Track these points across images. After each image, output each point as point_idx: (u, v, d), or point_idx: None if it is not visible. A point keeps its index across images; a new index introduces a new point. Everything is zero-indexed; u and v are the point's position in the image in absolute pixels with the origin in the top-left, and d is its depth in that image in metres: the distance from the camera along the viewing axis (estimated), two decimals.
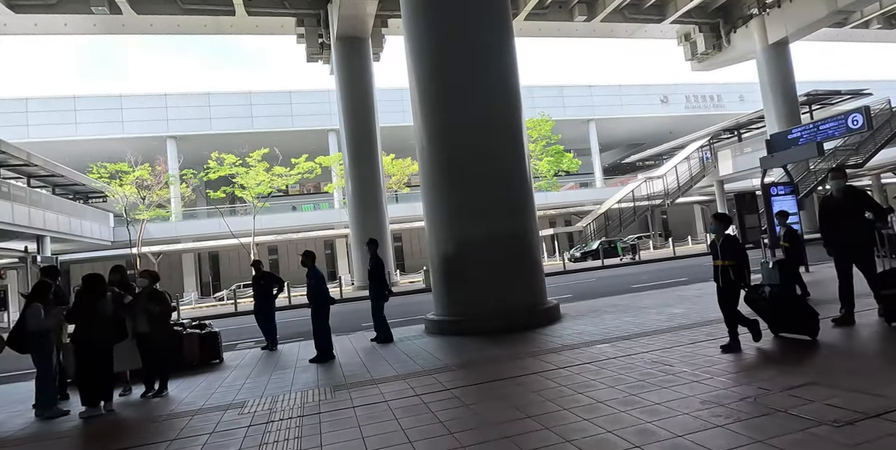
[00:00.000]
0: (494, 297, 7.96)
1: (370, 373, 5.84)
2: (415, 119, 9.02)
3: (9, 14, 22.95)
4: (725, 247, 5.11)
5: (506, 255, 8.09)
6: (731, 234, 5.30)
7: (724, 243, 5.13)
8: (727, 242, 5.14)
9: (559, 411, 3.76)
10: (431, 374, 5.47)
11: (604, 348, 5.77)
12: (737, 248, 5.10)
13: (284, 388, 5.58)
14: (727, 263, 5.05)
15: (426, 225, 8.91)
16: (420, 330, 8.87)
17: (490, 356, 6.04)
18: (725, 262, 5.06)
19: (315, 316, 7.16)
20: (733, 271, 5.01)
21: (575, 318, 8.35)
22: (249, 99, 37.34)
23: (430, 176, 8.67)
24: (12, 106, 34.33)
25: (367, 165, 23.17)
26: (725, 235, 5.20)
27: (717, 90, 47.49)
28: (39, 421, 5.35)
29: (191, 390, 5.96)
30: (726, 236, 5.18)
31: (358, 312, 13.11)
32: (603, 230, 37.02)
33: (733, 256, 5.05)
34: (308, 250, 7.44)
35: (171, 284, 34.62)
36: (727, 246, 5.11)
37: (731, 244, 5.13)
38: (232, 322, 15.00)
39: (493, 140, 8.41)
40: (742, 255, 5.07)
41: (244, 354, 8.48)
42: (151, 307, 5.81)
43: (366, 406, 4.48)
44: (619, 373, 4.65)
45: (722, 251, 5.11)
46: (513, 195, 8.44)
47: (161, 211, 31.76)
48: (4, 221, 22.62)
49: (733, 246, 5.11)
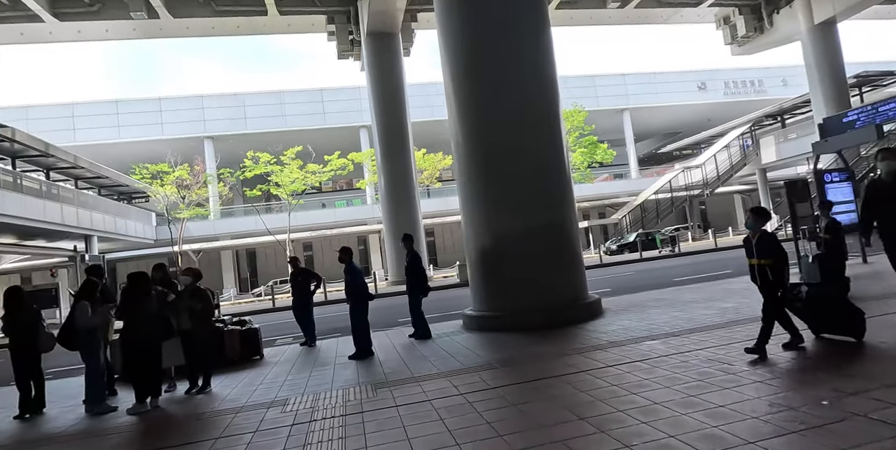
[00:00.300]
0: (534, 291, 7.76)
1: (411, 370, 5.74)
2: (449, 114, 8.85)
3: (55, 22, 23.78)
4: (762, 244, 4.68)
5: (545, 248, 7.86)
6: (766, 230, 4.88)
7: (761, 240, 4.70)
8: (763, 239, 4.70)
9: (614, 413, 3.56)
10: (474, 371, 5.32)
11: (654, 345, 5.51)
12: (774, 245, 4.66)
13: (325, 385, 5.54)
14: (764, 262, 4.63)
15: (462, 219, 8.76)
16: (458, 326, 8.74)
17: (533, 353, 5.86)
18: (762, 260, 4.65)
19: (353, 312, 7.11)
20: (771, 271, 4.59)
21: (617, 313, 8.07)
22: (282, 98, 37.85)
23: (466, 170, 8.50)
24: (60, 111, 35.69)
25: (399, 160, 23.15)
26: (762, 231, 4.77)
27: (758, 75, 45.60)
28: (89, 417, 5.45)
29: (233, 387, 5.98)
30: (763, 232, 4.75)
31: (394, 308, 13.06)
32: (639, 222, 36.16)
33: (770, 254, 4.62)
34: (345, 246, 7.40)
35: (210, 280, 35.50)
36: (764, 243, 4.68)
37: (768, 241, 4.69)
38: (270, 318, 15.22)
39: (530, 132, 8.18)
40: (780, 252, 4.63)
41: (283, 350, 8.53)
42: (194, 304, 5.85)
43: (409, 406, 4.37)
44: (675, 372, 4.40)
45: (758, 249, 4.69)
46: (551, 187, 8.19)
47: (200, 210, 32.56)
48: (55, 222, 23.54)
49: (770, 243, 4.67)
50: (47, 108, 35.96)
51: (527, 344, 6.43)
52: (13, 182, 21.72)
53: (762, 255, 4.66)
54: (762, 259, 4.65)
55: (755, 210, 4.85)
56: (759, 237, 4.73)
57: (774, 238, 4.75)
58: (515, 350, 6.18)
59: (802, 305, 4.94)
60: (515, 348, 6.27)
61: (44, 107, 36.01)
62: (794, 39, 29.21)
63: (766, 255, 4.64)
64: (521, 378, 4.85)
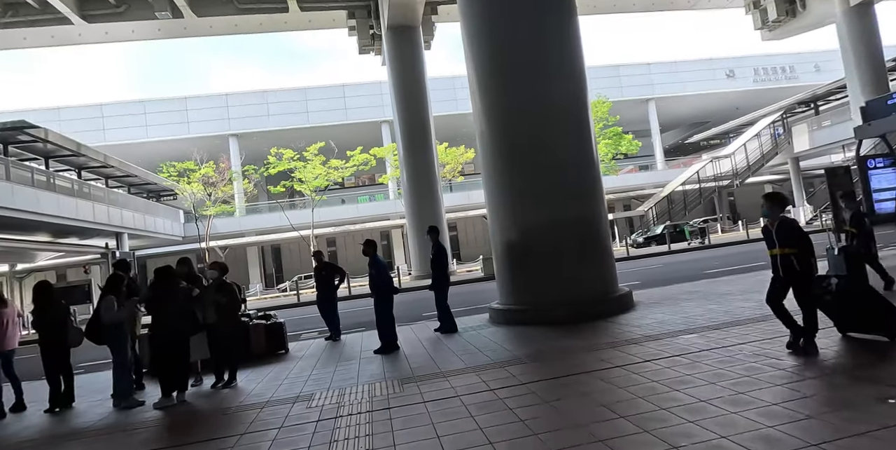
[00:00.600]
0: (562, 284, 7.53)
1: (438, 365, 5.60)
2: (474, 106, 8.65)
3: (83, 24, 24.26)
4: (783, 232, 4.35)
5: (573, 240, 7.62)
6: (787, 217, 4.53)
7: (781, 228, 4.37)
8: (784, 226, 4.38)
9: (656, 411, 3.34)
10: (503, 366, 5.15)
11: (692, 339, 5.26)
12: (797, 232, 4.33)
13: (351, 380, 5.43)
14: (788, 251, 4.30)
15: (488, 212, 8.56)
16: (483, 320, 8.57)
17: (563, 347, 5.66)
18: (786, 249, 4.31)
19: (378, 306, 7.00)
20: (798, 261, 4.25)
21: (650, 306, 7.80)
22: (304, 94, 38.04)
23: (491, 161, 8.29)
24: (90, 112, 36.48)
25: (422, 154, 23.01)
26: (781, 218, 4.44)
27: (789, 61, 44.05)
28: (117, 411, 5.45)
29: (259, 381, 5.92)
30: (782, 219, 4.42)
31: (418, 302, 12.96)
32: (666, 214, 35.39)
33: (794, 243, 4.29)
34: (369, 239, 7.28)
35: (237, 276, 35.98)
36: (785, 230, 4.35)
37: (790, 228, 4.36)
38: (295, 313, 15.28)
39: (557, 124, 7.92)
40: (804, 240, 4.29)
41: (308, 344, 8.48)
42: (219, 299, 5.80)
43: (437, 401, 4.22)
44: (719, 367, 4.16)
45: (779, 237, 4.35)
46: (579, 179, 7.94)
47: (226, 206, 32.98)
48: (87, 220, 24.09)
49: (792, 229, 4.34)
50: (78, 109, 36.80)
51: (556, 338, 6.23)
52: (47, 181, 22.25)
53: (785, 243, 4.32)
54: (786, 248, 4.31)
55: (770, 196, 4.52)
56: (780, 225, 4.41)
57: (796, 224, 4.43)
58: (544, 344, 5.98)
59: (832, 298, 4.57)
60: (544, 343, 6.07)
61: (74, 108, 36.86)
62: (827, 22, 28.05)
63: (789, 243, 4.30)
64: (553, 373, 4.66)
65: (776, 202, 4.46)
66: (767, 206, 4.48)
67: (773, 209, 4.46)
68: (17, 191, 19.57)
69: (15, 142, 22.26)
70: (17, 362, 6.20)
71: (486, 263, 20.64)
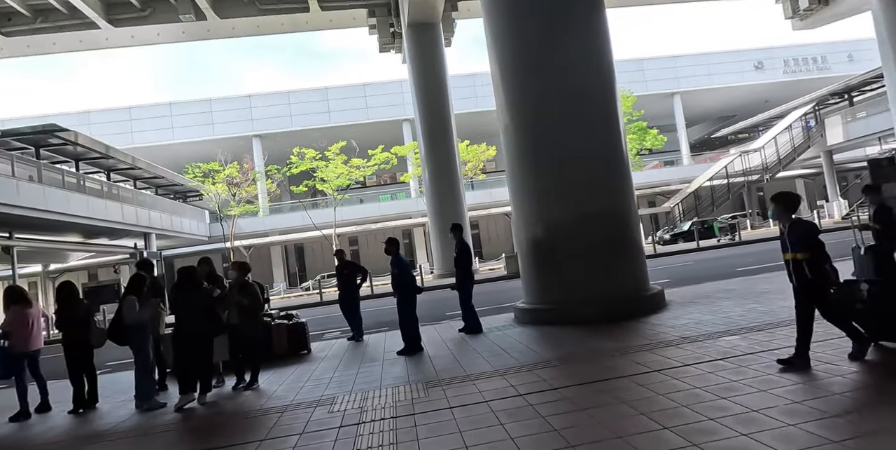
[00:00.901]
0: (591, 283, 7.25)
1: (463, 367, 5.39)
2: (497, 99, 8.40)
3: (110, 29, 24.71)
4: (794, 234, 3.94)
5: (603, 236, 7.33)
6: (801, 218, 4.13)
7: (793, 230, 3.97)
8: (795, 229, 3.97)
9: (704, 422, 3.08)
10: (531, 369, 4.92)
11: (734, 341, 4.95)
12: (809, 235, 3.92)
13: (374, 383, 5.26)
14: (800, 256, 3.88)
15: (512, 207, 8.32)
16: (508, 319, 8.34)
17: (595, 349, 5.40)
18: (798, 255, 3.90)
19: (401, 306, 6.82)
20: (809, 267, 3.85)
21: (683, 305, 7.47)
22: (326, 94, 38.20)
23: (515, 157, 8.04)
24: (118, 115, 37.23)
25: (443, 151, 22.85)
26: (794, 219, 4.03)
27: (820, 51, 42.59)
28: (139, 413, 5.39)
29: (280, 383, 5.80)
30: (794, 221, 4.02)
31: (442, 301, 12.77)
32: (693, 210, 34.54)
33: (805, 247, 3.87)
34: (392, 237, 7.11)
35: (261, 275, 36.34)
36: (797, 233, 3.94)
37: (802, 230, 3.95)
38: (318, 312, 15.25)
39: (585, 116, 7.63)
40: (816, 244, 3.88)
41: (331, 344, 8.36)
42: (241, 299, 5.69)
43: (464, 407, 4.01)
44: (768, 373, 3.86)
45: (791, 241, 3.95)
46: (607, 173, 7.64)
47: (250, 206, 33.31)
48: (116, 221, 24.54)
49: (805, 232, 3.93)
50: (107, 112, 37.57)
51: (586, 339, 5.97)
52: (77, 183, 22.72)
53: (796, 247, 3.92)
54: (798, 253, 3.91)
55: (778, 197, 4.09)
56: (791, 227, 3.98)
57: (810, 226, 4.03)
58: (574, 346, 5.73)
59: (864, 305, 4.10)
60: (574, 344, 5.82)
61: (103, 111, 37.64)
62: (863, 9, 26.94)
63: (800, 247, 3.89)
64: (586, 378, 4.41)
65: (786, 203, 4.05)
66: (777, 208, 4.09)
67: (783, 212, 4.06)
68: (49, 193, 19.99)
69: (46, 145, 22.76)
70: (42, 361, 6.20)
71: (510, 262, 20.36)
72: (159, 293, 6.14)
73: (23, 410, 5.81)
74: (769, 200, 4.21)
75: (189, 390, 5.30)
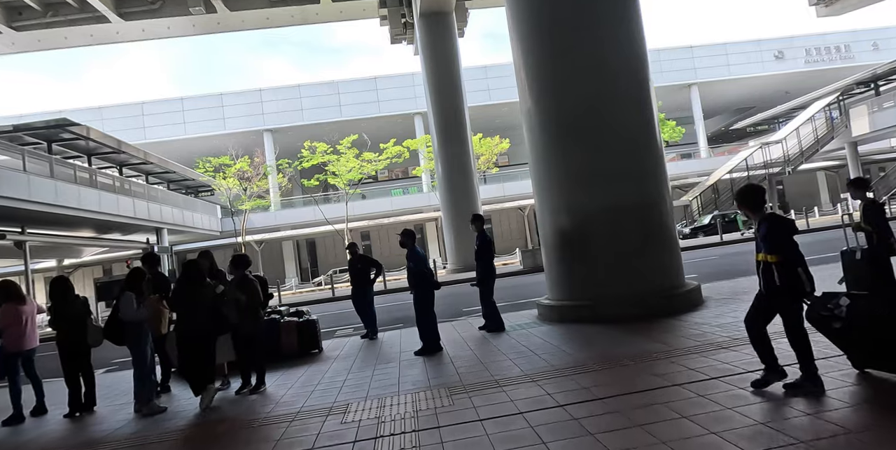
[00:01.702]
0: (623, 277, 6.72)
1: (489, 371, 4.90)
2: (519, 82, 7.86)
3: (120, 22, 24.51)
4: (764, 232, 3.34)
5: (636, 227, 6.79)
6: (774, 213, 3.49)
7: (761, 227, 3.37)
8: (764, 226, 3.35)
9: (796, 446, 2.56)
10: (567, 374, 4.41)
11: None
12: (778, 233, 3.30)
13: (391, 387, 4.80)
14: (770, 258, 3.29)
15: (536, 197, 7.78)
16: (531, 316, 7.84)
17: (636, 352, 4.87)
18: (768, 256, 3.31)
19: (418, 303, 6.32)
20: (778, 272, 3.24)
21: (722, 302, 6.92)
22: (337, 88, 37.79)
23: (540, 143, 7.50)
24: (131, 110, 37.14)
25: (457, 143, 22.35)
26: (766, 215, 3.42)
27: (844, 39, 41.31)
28: (138, 418, 4.98)
29: (289, 386, 5.36)
30: (766, 217, 3.40)
31: (457, 297, 12.31)
32: (712, 204, 33.70)
33: (775, 248, 3.27)
34: (407, 229, 6.60)
35: (273, 270, 36.27)
36: (762, 231, 3.34)
37: (771, 229, 3.32)
38: (330, 307, 14.86)
39: (615, 98, 7.08)
40: (786, 245, 3.27)
41: (343, 342, 7.93)
42: (239, 296, 5.25)
43: (497, 420, 3.51)
44: (852, 383, 3.33)
45: (762, 239, 3.36)
46: (640, 158, 7.08)
47: (261, 201, 33.08)
48: (128, 216, 24.46)
49: (773, 231, 3.30)
50: (119, 107, 37.51)
51: (622, 339, 5.46)
52: (89, 178, 22.59)
53: (765, 247, 3.33)
54: (767, 254, 3.32)
55: (743, 193, 3.48)
56: (761, 223, 3.39)
57: (784, 222, 3.39)
58: (610, 347, 5.22)
59: (842, 325, 3.38)
60: (609, 345, 5.31)
61: (116, 107, 37.58)
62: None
63: (769, 247, 3.30)
64: (634, 385, 3.88)
65: (752, 199, 3.46)
66: (742, 207, 3.50)
67: (751, 209, 3.47)
68: (61, 187, 19.85)
69: (58, 140, 22.66)
70: (38, 360, 5.82)
71: (526, 256, 19.85)
72: (162, 289, 5.71)
73: (16, 413, 5.44)
74: (735, 194, 3.57)
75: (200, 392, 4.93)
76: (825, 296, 3.52)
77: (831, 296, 3.51)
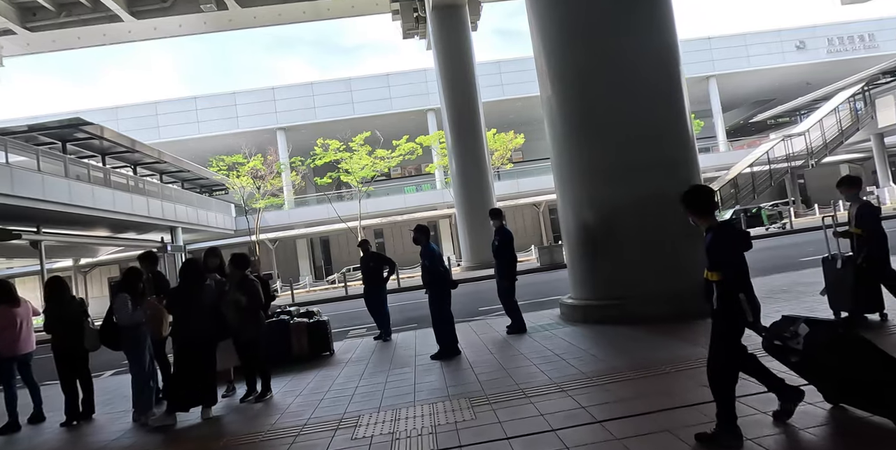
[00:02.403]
0: (654, 274, 6.24)
1: (513, 378, 4.47)
2: (538, 68, 7.41)
3: (133, 21, 24.50)
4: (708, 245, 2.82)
5: (668, 220, 6.28)
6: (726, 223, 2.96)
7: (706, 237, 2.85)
8: (712, 237, 2.80)
9: None
10: (601, 382, 3.98)
11: None
12: (725, 249, 2.74)
13: (406, 397, 4.40)
14: (713, 276, 2.77)
15: (557, 190, 7.33)
16: (553, 316, 7.41)
17: (674, 356, 4.43)
18: (712, 274, 2.78)
19: (434, 304, 5.92)
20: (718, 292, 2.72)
21: (763, 301, 6.36)
22: (349, 85, 37.54)
23: (562, 131, 7.03)
24: (145, 110, 37.24)
25: (471, 138, 21.95)
26: (716, 224, 2.87)
27: (868, 28, 40.05)
28: (135, 428, 4.65)
29: (297, 394, 5.00)
30: (715, 226, 2.84)
31: (473, 295, 11.92)
32: (732, 199, 32.84)
33: (715, 265, 2.75)
34: (420, 224, 6.19)
35: (287, 269, 36.18)
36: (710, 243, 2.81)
37: (718, 242, 2.77)
38: (343, 307, 14.55)
39: (644, 82, 6.59)
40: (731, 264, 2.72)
41: (356, 344, 7.57)
42: (239, 297, 4.86)
43: (527, 439, 3.09)
44: None
45: (706, 253, 2.85)
46: (671, 146, 6.60)
47: (275, 199, 32.96)
48: (142, 215, 24.47)
49: (720, 245, 2.76)
50: (134, 107, 37.64)
51: (656, 342, 5.01)
52: (103, 178, 22.60)
53: (709, 263, 2.81)
54: (709, 271, 2.80)
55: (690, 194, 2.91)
56: (707, 232, 2.85)
57: (730, 232, 2.82)
58: (644, 351, 4.77)
59: (799, 359, 2.84)
60: (643, 349, 4.86)
61: (131, 107, 37.72)
62: None
63: (711, 264, 2.78)
64: (680, 397, 3.41)
65: (700, 202, 2.88)
66: (689, 212, 2.91)
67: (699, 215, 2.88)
68: (75, 187, 19.83)
69: (72, 139, 22.69)
70: (36, 363, 5.53)
71: (543, 253, 19.37)
72: (163, 290, 5.38)
73: (11, 421, 5.15)
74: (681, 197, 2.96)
75: (175, 410, 4.53)
76: (783, 321, 2.95)
77: (790, 321, 2.91)
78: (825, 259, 4.91)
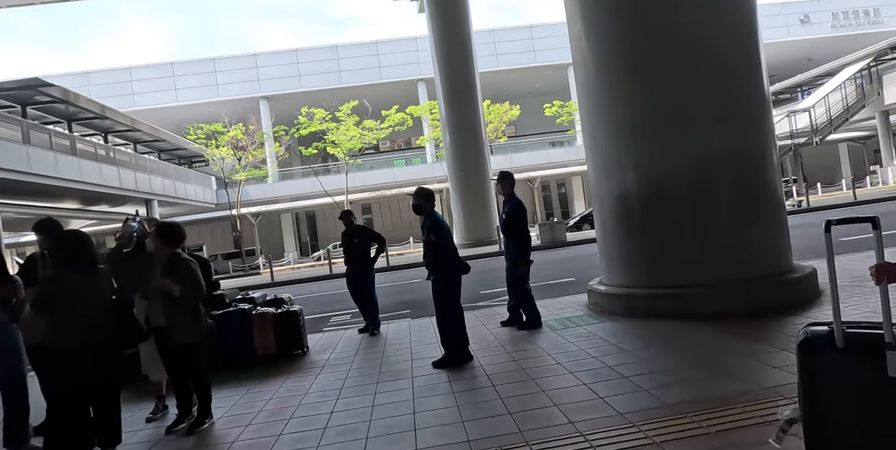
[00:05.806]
0: (719, 257, 4.89)
1: (554, 402, 3.11)
2: (567, 5, 5.91)
3: None
4: None
5: (731, 188, 4.94)
6: None
7: None
8: None
9: None
10: (689, 412, 2.64)
11: None
12: None
13: (403, 437, 2.98)
14: None
15: (588, 153, 5.87)
16: (577, 305, 6.08)
17: (783, 375, 3.12)
18: None
19: (439, 293, 4.43)
20: None
21: (842, 292, 5.12)
22: (336, 53, 35.55)
23: (595, 74, 5.54)
24: (119, 76, 34.99)
25: (467, 107, 20.41)
26: None
27: (873, 3, 38.95)
28: None
29: (248, 420, 3.57)
30: None
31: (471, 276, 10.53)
32: None
33: None
34: (423, 188, 4.62)
35: (271, 244, 34.72)
36: None
37: None
38: (325, 287, 13.13)
39: (701, 7, 5.13)
40: None
41: (336, 337, 6.18)
42: (166, 285, 3.31)
43: None
44: None
45: None
46: (740, 94, 5.15)
47: (257, 171, 31.33)
48: (114, 186, 22.96)
49: None
50: (107, 73, 35.37)
51: (745, 351, 3.69)
52: (69, 145, 20.93)
53: None
54: None
55: None
56: None
57: None
58: (737, 365, 3.44)
59: None
60: (734, 361, 3.53)
61: (103, 72, 35.43)
62: None
63: None
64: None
65: None
66: None
67: None
68: (34, 154, 18.09)
69: (33, 103, 20.93)
70: None
71: (544, 230, 18.08)
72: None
73: None
74: None
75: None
76: None
77: None
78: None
